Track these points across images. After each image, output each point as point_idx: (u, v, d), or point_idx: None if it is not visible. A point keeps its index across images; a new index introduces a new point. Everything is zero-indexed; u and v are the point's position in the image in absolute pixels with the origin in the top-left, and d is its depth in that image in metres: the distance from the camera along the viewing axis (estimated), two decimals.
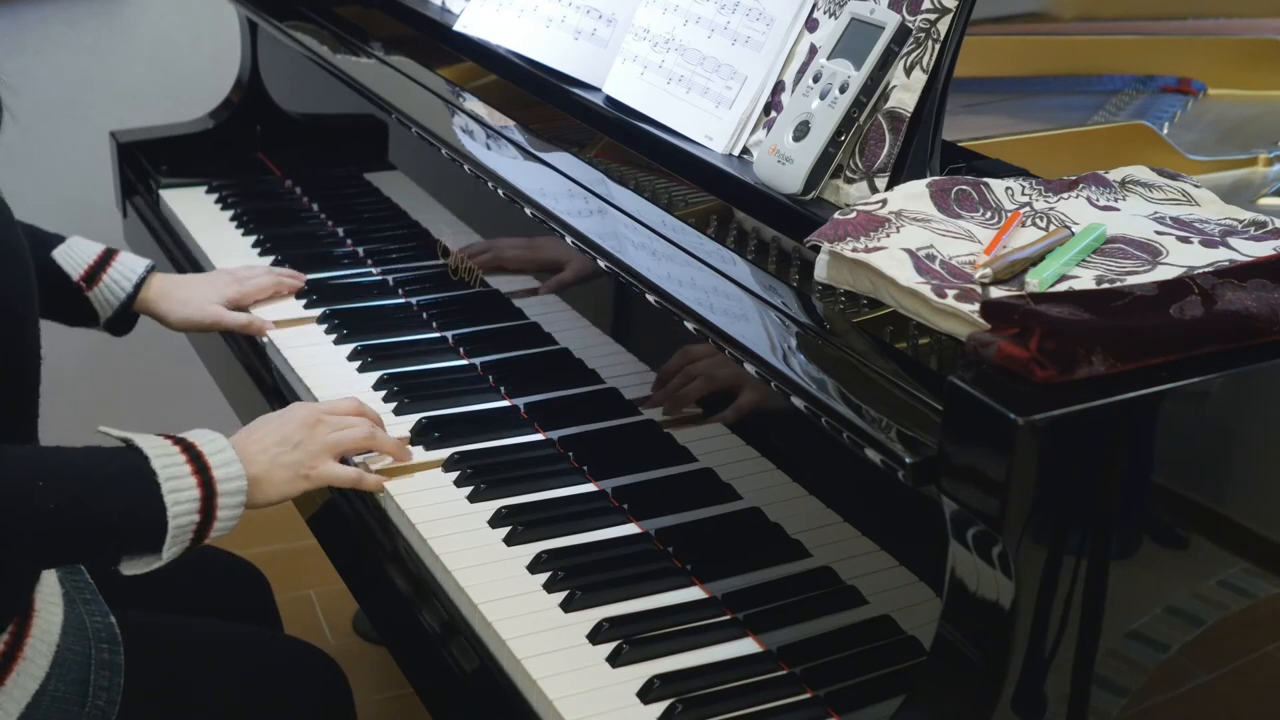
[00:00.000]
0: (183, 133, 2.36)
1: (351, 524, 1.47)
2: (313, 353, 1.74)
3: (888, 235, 1.14)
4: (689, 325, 1.23)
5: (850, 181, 1.30)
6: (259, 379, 1.76)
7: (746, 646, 1.24)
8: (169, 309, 1.79)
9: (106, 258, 1.76)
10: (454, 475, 1.47)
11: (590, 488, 1.46)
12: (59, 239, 1.75)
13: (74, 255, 1.75)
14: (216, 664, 1.49)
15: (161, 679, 1.43)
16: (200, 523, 1.30)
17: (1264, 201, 1.56)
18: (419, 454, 1.51)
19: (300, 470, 1.39)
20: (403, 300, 1.87)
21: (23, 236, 1.39)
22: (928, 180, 1.22)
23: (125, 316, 1.79)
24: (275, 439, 1.39)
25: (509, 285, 1.63)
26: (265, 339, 1.79)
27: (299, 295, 1.87)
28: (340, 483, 1.43)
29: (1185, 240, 1.13)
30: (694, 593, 1.31)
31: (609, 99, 1.56)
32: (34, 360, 1.39)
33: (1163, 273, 1.07)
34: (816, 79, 1.32)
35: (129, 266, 1.77)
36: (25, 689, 1.33)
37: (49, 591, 1.39)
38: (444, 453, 1.50)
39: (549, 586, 1.30)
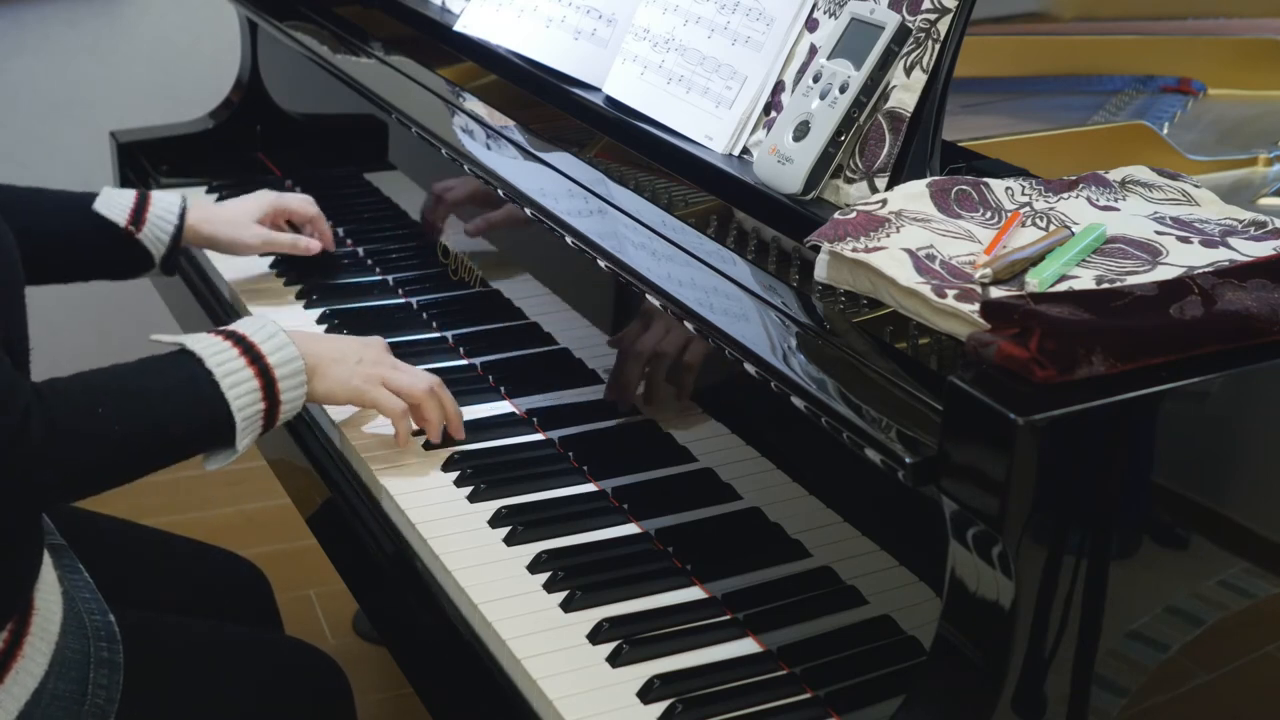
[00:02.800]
0: (183, 133, 2.35)
1: (351, 524, 1.47)
2: None
3: (888, 235, 1.14)
4: (689, 325, 1.23)
5: (850, 181, 1.30)
6: None
7: (746, 646, 1.24)
8: (216, 230, 1.81)
9: (143, 198, 1.77)
10: (454, 475, 1.47)
11: (590, 488, 1.46)
12: (90, 194, 1.75)
13: (113, 203, 1.75)
14: (216, 664, 1.49)
15: (161, 678, 1.43)
16: (266, 409, 1.36)
17: (1264, 201, 1.56)
18: (418, 453, 1.51)
19: (354, 382, 1.45)
20: (403, 300, 1.87)
21: None
22: (928, 180, 1.22)
23: (175, 252, 1.80)
24: (345, 347, 1.47)
25: (509, 286, 1.63)
26: None
27: (299, 295, 1.87)
28: (385, 411, 1.47)
29: (1185, 240, 1.13)
30: (694, 593, 1.31)
31: (609, 99, 1.56)
32: (22, 340, 1.38)
33: (1163, 273, 1.07)
34: (816, 79, 1.32)
35: (166, 201, 1.79)
36: (25, 687, 1.33)
37: (48, 589, 1.39)
38: (443, 452, 1.50)
39: (549, 586, 1.30)
